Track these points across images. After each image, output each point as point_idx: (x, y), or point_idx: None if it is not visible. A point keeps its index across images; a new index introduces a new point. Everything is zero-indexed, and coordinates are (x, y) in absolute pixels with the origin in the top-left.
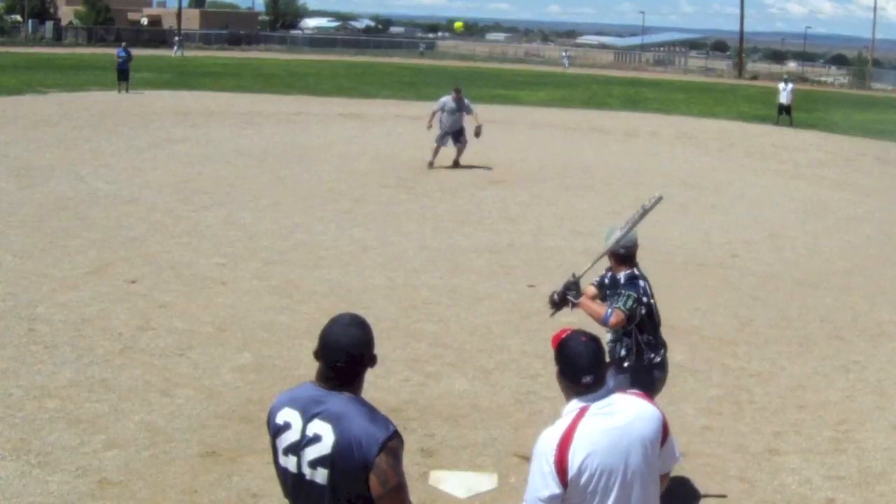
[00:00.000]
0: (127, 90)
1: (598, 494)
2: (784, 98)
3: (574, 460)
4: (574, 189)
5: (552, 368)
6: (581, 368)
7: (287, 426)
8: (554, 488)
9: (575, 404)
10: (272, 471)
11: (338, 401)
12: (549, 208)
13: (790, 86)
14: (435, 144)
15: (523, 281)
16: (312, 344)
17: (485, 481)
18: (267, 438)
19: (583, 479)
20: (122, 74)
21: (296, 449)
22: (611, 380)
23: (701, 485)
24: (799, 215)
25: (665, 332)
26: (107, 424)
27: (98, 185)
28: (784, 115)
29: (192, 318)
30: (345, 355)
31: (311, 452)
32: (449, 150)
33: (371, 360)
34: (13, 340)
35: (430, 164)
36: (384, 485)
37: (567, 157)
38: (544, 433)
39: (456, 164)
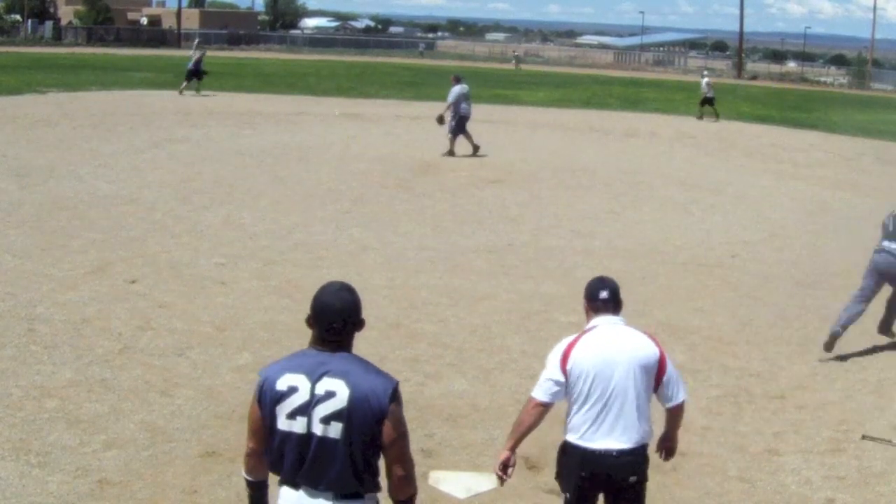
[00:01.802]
0: (198, 90)
1: (587, 394)
2: (706, 91)
3: (573, 359)
4: (573, 189)
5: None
6: (598, 288)
7: (293, 390)
8: (558, 375)
9: (591, 323)
10: None
11: (341, 359)
12: (549, 208)
13: (706, 79)
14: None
15: (523, 281)
16: None
17: (484, 482)
18: None
19: (574, 376)
20: (195, 74)
21: (305, 409)
22: None
23: (701, 485)
24: (798, 215)
25: (665, 331)
26: (106, 424)
27: (98, 184)
28: (707, 106)
29: (191, 319)
30: (341, 317)
31: (324, 409)
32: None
33: (360, 322)
34: (13, 340)
35: (474, 150)
36: (397, 430)
37: (566, 157)
38: (562, 340)
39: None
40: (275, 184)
